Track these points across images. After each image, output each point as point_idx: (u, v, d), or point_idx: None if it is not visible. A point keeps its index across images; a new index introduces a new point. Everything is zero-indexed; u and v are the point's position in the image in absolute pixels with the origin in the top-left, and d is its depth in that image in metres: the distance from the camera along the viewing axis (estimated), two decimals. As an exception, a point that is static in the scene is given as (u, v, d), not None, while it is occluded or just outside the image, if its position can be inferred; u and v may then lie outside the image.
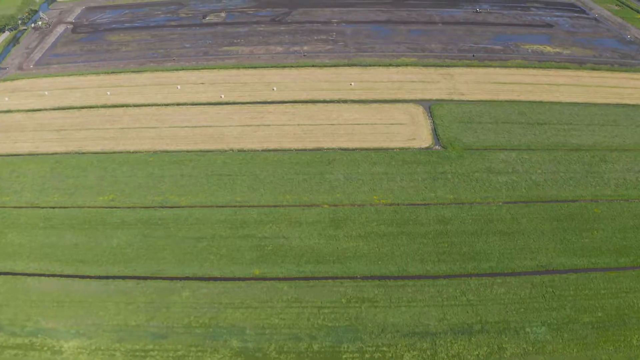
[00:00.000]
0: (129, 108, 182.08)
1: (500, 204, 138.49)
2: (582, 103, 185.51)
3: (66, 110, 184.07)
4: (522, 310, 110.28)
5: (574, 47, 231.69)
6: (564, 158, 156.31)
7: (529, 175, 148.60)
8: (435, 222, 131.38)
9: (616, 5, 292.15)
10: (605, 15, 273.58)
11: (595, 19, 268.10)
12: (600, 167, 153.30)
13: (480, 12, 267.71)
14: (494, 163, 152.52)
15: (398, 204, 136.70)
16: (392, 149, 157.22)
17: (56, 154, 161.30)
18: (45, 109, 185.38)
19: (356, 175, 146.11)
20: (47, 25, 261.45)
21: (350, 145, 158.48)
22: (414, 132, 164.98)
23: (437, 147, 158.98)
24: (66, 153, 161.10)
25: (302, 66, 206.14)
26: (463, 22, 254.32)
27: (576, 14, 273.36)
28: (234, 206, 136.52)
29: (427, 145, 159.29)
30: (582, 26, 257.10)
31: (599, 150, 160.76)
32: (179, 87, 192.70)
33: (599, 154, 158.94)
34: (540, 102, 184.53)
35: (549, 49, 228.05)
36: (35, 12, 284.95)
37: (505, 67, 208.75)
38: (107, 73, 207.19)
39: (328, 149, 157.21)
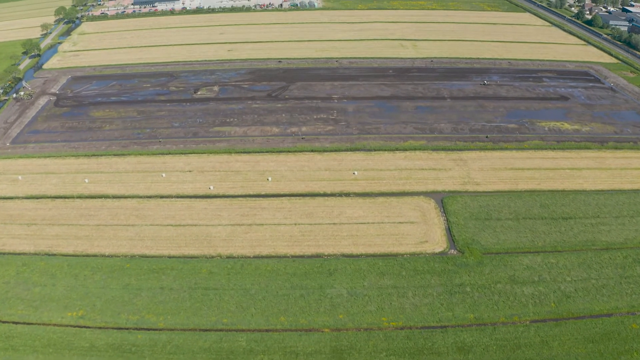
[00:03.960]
0: (108, 200, 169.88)
1: (528, 323, 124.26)
2: (608, 190, 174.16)
3: (39, 199, 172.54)
4: None
5: (593, 122, 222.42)
6: (594, 261, 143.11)
7: (557, 284, 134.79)
8: (454, 351, 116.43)
9: (631, 72, 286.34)
10: (621, 84, 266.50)
11: (612, 89, 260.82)
12: (635, 269, 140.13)
13: (488, 84, 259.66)
14: (518, 270, 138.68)
15: (410, 327, 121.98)
16: (402, 254, 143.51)
17: (24, 254, 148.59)
18: (17, 197, 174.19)
19: (361, 289, 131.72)
20: (29, 97, 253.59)
21: (354, 250, 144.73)
22: (425, 232, 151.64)
23: (452, 251, 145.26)
24: (35, 254, 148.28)
25: (300, 151, 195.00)
26: (473, 97, 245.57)
27: (591, 84, 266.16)
28: (221, 330, 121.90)
29: (441, 249, 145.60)
30: (599, 97, 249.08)
31: (632, 248, 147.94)
32: (163, 175, 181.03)
33: (632, 253, 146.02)
34: (563, 191, 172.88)
35: (566, 125, 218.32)
36: (19, 80, 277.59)
37: (522, 149, 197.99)
38: (87, 156, 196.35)
39: (329, 255, 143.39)
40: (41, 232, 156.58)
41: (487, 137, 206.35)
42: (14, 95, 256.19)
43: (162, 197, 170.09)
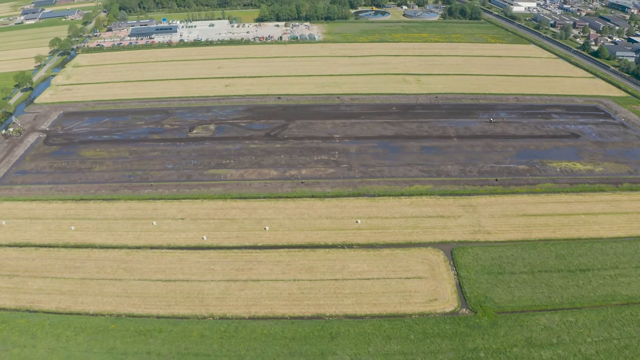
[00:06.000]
0: (94, 250, 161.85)
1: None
2: (625, 238, 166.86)
3: (23, 248, 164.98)
4: None
5: (606, 161, 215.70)
6: (615, 318, 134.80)
7: (577, 346, 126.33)
8: None
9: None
10: (631, 119, 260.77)
11: (623, 125, 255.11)
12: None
13: (494, 121, 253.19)
14: (535, 332, 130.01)
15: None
16: (410, 315, 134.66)
17: (3, 309, 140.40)
18: (0, 245, 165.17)
19: (366, 356, 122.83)
20: (19, 133, 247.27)
21: (358, 310, 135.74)
22: (435, 289, 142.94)
23: (464, 310, 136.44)
24: (15, 310, 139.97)
25: (299, 196, 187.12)
26: (480, 136, 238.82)
27: (601, 120, 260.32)
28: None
29: (452, 308, 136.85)
30: (610, 134, 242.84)
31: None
32: (154, 223, 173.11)
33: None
34: (579, 239, 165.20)
35: (579, 166, 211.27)
36: (9, 114, 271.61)
37: (534, 192, 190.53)
38: (75, 200, 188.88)
39: (331, 316, 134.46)
40: (23, 285, 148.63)
41: (496, 179, 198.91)
42: (3, 131, 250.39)
43: (152, 247, 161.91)
